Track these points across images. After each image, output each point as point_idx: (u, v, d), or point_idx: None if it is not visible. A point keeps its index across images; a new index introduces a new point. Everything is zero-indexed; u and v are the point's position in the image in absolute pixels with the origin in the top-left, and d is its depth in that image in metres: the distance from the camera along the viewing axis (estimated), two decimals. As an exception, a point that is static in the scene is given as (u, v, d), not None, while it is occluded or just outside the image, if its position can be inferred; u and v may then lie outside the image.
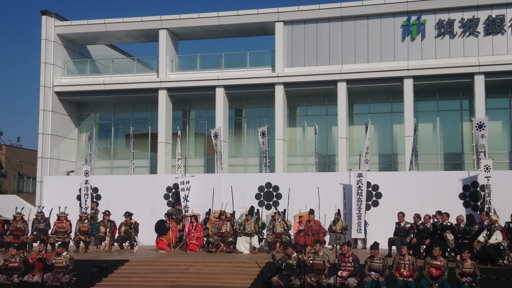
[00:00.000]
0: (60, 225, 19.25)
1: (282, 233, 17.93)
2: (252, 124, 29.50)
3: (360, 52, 27.04)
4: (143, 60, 31.61)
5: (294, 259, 14.25)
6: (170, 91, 28.98)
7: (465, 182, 20.15)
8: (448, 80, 26.02)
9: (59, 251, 15.20)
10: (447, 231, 16.12)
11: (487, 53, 25.51)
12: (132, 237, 19.14)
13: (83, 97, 30.56)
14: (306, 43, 27.79)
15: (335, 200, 20.21)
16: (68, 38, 30.81)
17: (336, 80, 26.87)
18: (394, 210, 18.86)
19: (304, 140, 28.76)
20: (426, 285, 12.93)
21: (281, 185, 21.59)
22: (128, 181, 23.59)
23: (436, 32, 26.19)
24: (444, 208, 17.99)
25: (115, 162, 31.13)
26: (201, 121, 30.77)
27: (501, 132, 26.73)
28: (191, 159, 29.95)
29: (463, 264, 13.05)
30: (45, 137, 29.14)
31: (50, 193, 23.98)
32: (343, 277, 13.61)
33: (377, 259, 13.62)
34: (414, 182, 20.67)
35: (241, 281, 14.38)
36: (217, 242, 18.55)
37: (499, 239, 14.95)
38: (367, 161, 22.87)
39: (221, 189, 21.58)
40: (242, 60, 29.26)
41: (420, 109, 27.34)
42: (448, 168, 26.36)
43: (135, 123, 30.66)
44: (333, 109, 27.51)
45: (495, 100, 26.59)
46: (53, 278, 14.66)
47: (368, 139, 23.48)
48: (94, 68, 31.48)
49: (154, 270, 15.64)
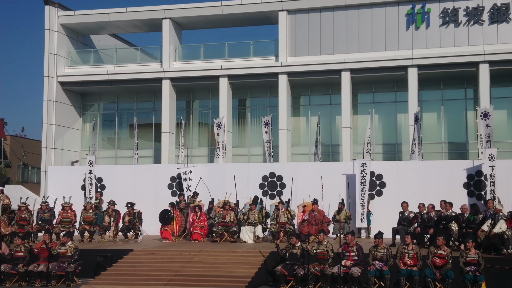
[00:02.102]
0: (64, 215, 19.31)
1: (286, 222, 17.94)
2: (256, 113, 29.47)
3: (364, 41, 26.93)
4: (146, 50, 31.60)
5: (298, 248, 14.27)
6: (174, 81, 28.96)
7: (469, 172, 20.07)
8: (452, 69, 25.92)
9: (64, 240, 15.30)
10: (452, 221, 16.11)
11: (492, 42, 25.37)
12: (137, 227, 19.20)
13: (87, 87, 30.61)
14: (309, 32, 27.68)
15: (339, 190, 20.18)
16: (71, 28, 30.80)
17: (340, 69, 26.79)
18: (398, 199, 18.82)
19: (308, 129, 28.73)
20: (429, 274, 12.95)
21: (285, 175, 21.56)
22: (132, 171, 23.61)
23: (440, 21, 26.05)
24: (448, 197, 17.94)
25: (119, 152, 31.21)
26: (205, 111, 30.76)
27: (505, 121, 26.66)
28: (195, 149, 29.99)
29: (467, 253, 13.04)
30: (49, 127, 29.22)
31: (54, 183, 24.03)
32: (347, 266, 13.64)
33: (381, 248, 13.63)
34: (418, 172, 20.61)
35: (245, 270, 14.42)
36: (221, 231, 18.58)
37: (503, 228, 14.93)
38: (368, 150, 22.79)
39: (225, 179, 21.60)
40: (246, 49, 29.19)
41: (424, 98, 27.27)
42: (452, 157, 26.31)
43: (139, 113, 30.70)
44: (337, 98, 27.46)
45: (500, 89, 26.50)
46: (58, 267, 14.78)
47: (369, 129, 23.39)
48: (98, 58, 31.48)
49: (158, 260, 15.70)
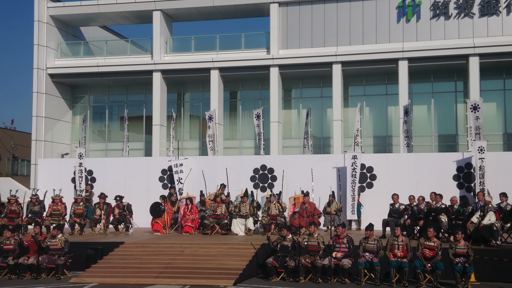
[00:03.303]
0: (55, 207, 19.22)
1: (277, 215, 17.98)
2: (247, 106, 29.43)
3: (355, 34, 26.91)
4: (137, 42, 31.39)
5: (289, 240, 14.32)
6: (165, 73, 28.83)
7: (459, 164, 20.20)
8: (442, 62, 25.98)
9: (54, 233, 15.25)
10: (441, 213, 16.21)
11: (482, 35, 25.44)
12: (127, 220, 19.17)
13: (77, 79, 30.41)
14: (301, 24, 27.62)
15: (330, 182, 20.25)
16: (61, 20, 30.55)
17: (331, 62, 26.78)
18: (388, 191, 18.89)
19: (299, 122, 28.73)
20: (419, 266, 13.04)
21: (276, 168, 21.60)
22: (123, 164, 23.53)
23: (431, 14, 26.08)
24: (438, 189, 18.03)
25: (109, 144, 31.08)
26: (196, 103, 30.68)
27: (495, 114, 26.79)
28: (186, 141, 29.91)
29: (456, 245, 13.13)
30: (39, 119, 29.04)
31: (44, 176, 23.93)
32: (338, 258, 13.71)
33: (372, 240, 13.70)
34: (408, 164, 20.70)
35: (236, 262, 14.44)
36: (212, 224, 18.59)
37: (492, 220, 15.05)
38: (357, 143, 22.82)
39: (216, 172, 21.59)
40: (237, 42, 29.08)
41: (414, 91, 27.33)
42: (442, 149, 26.43)
43: (129, 105, 30.54)
44: (328, 91, 27.47)
45: (490, 81, 26.62)
46: (48, 260, 14.73)
47: (358, 122, 23.40)
48: (88, 50, 31.26)
49: (149, 252, 15.68)
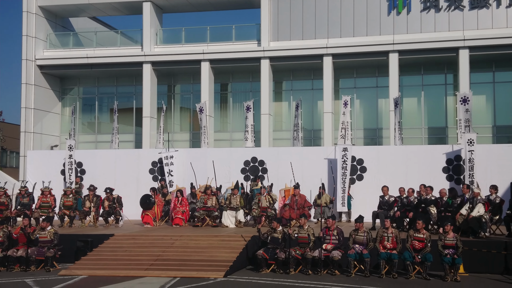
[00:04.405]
0: (44, 199, 19.11)
1: (268, 207, 17.99)
2: (238, 98, 29.38)
3: (346, 26, 26.91)
4: (127, 33, 31.20)
5: (279, 232, 14.34)
6: (155, 65, 28.70)
7: (448, 156, 20.30)
8: (433, 55, 26.08)
9: (43, 225, 15.15)
10: (431, 205, 16.30)
11: (472, 27, 25.53)
12: (117, 212, 19.12)
13: (66, 70, 30.20)
14: (292, 16, 27.57)
15: (320, 174, 20.30)
16: (50, 11, 30.28)
17: (322, 54, 26.79)
18: (378, 184, 18.97)
19: (290, 114, 28.71)
20: (409, 257, 13.11)
21: (267, 160, 21.60)
22: (113, 156, 23.42)
23: (421, 6, 26.11)
24: (427, 181, 18.13)
25: (99, 136, 30.94)
26: (187, 95, 30.57)
27: (484, 107, 26.94)
28: (177, 133, 29.84)
29: (445, 236, 13.20)
30: (28, 111, 28.83)
31: (33, 168, 23.76)
32: (328, 250, 13.74)
33: (361, 232, 13.74)
34: (398, 156, 20.78)
35: (226, 254, 14.44)
36: (203, 216, 18.58)
37: (481, 212, 15.13)
38: (343, 136, 22.81)
39: (207, 164, 21.56)
40: (228, 34, 28.99)
41: (405, 83, 27.41)
42: (432, 142, 26.56)
43: (119, 97, 30.39)
44: (319, 83, 27.49)
45: (479, 74, 26.74)
46: (37, 252, 14.65)
47: (343, 114, 23.34)
48: (77, 41, 31.04)
49: (140, 244, 15.63)
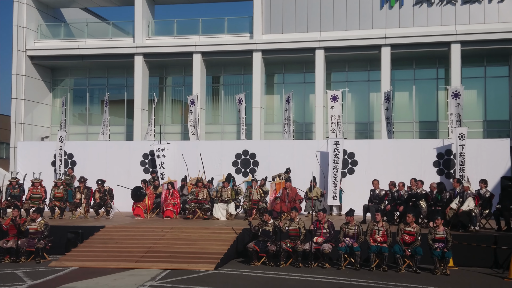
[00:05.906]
0: (34, 191, 19.00)
1: (259, 200, 18.03)
2: (230, 91, 29.33)
3: (338, 19, 26.90)
4: (118, 24, 31.05)
5: (270, 225, 14.36)
6: (146, 57, 28.58)
7: (439, 150, 20.40)
8: (425, 49, 26.13)
9: (33, 216, 15.09)
10: (421, 199, 16.38)
11: (464, 22, 25.60)
12: (108, 204, 19.08)
13: (57, 61, 30.02)
14: (284, 9, 27.52)
15: (312, 168, 20.31)
16: (41, 1, 30.05)
17: (314, 47, 26.78)
18: (369, 177, 19.05)
19: (281, 107, 28.64)
20: (399, 251, 13.18)
21: (258, 153, 21.62)
22: (104, 148, 23.33)
23: (414, 0, 26.15)
24: (418, 175, 18.23)
25: (90, 128, 30.80)
26: (178, 87, 30.48)
27: (475, 101, 27.06)
28: (168, 126, 29.76)
29: (435, 230, 13.27)
30: (18, 102, 28.66)
31: (24, 159, 23.64)
32: (318, 243, 13.79)
33: (352, 225, 13.80)
34: (389, 150, 20.85)
35: (217, 247, 14.46)
36: (194, 208, 18.59)
37: (471, 206, 15.23)
38: (333, 130, 22.86)
39: (198, 156, 21.53)
40: (220, 26, 28.90)
41: (396, 77, 27.47)
42: (423, 136, 26.67)
43: (110, 88, 30.27)
44: (311, 77, 27.49)
45: (471, 69, 26.85)
46: (27, 244, 14.60)
47: (332, 109, 23.37)
48: (68, 32, 30.84)
49: (130, 236, 15.61)
